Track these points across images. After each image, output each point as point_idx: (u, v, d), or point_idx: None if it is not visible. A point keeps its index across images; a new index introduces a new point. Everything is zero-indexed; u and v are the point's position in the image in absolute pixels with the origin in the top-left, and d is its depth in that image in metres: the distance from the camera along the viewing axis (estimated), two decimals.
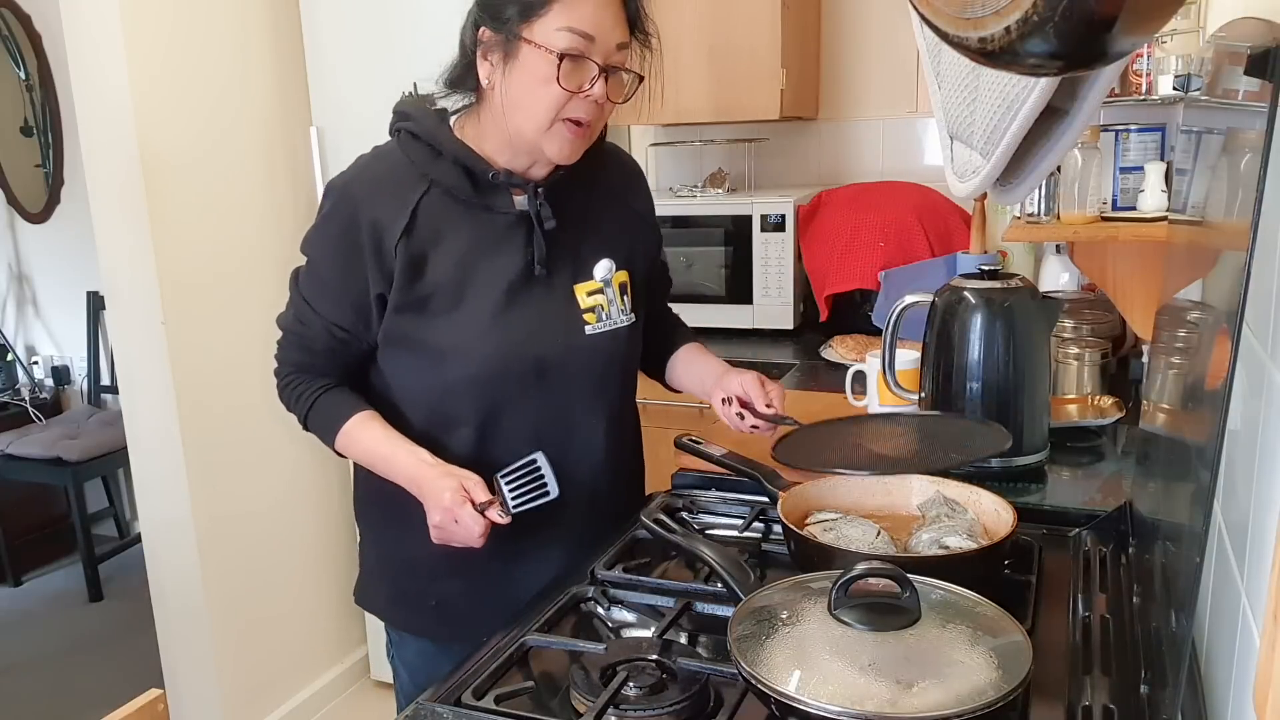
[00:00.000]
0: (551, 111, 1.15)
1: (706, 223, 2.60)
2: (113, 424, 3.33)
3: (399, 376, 1.28)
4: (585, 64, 1.14)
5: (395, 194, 1.21)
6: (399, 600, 1.37)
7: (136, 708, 1.08)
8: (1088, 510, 1.28)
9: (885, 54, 2.78)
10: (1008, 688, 0.75)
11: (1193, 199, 1.01)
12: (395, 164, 1.23)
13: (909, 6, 0.63)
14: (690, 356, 1.48)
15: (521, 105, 1.16)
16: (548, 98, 1.14)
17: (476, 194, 1.22)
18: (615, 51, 1.16)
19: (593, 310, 1.29)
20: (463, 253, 1.22)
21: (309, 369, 1.29)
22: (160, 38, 2.16)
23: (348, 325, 1.25)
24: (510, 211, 1.23)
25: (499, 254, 1.23)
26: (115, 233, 2.20)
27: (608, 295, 1.30)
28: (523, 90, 1.16)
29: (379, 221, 1.19)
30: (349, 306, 1.23)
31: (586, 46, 1.13)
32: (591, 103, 1.16)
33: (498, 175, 1.21)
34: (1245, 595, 0.65)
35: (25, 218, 4.00)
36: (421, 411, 1.27)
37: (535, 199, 1.23)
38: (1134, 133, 1.72)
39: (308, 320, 1.27)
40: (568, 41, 1.12)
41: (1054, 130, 1.05)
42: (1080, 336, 1.84)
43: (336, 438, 1.26)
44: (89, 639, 3.26)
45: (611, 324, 1.30)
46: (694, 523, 1.33)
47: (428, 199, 1.21)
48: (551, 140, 1.17)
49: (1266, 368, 0.64)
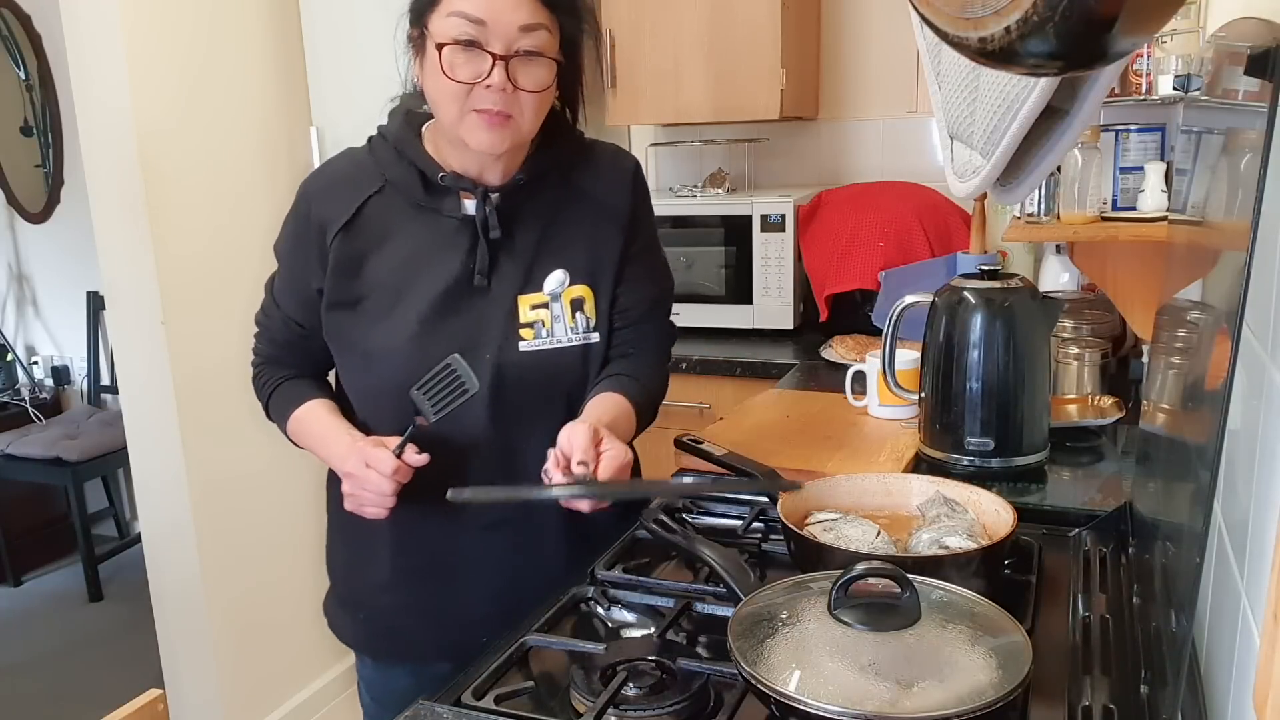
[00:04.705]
0: (455, 103, 1.09)
1: (706, 223, 2.60)
2: (113, 424, 3.33)
3: (343, 375, 1.27)
4: (479, 51, 1.07)
5: (346, 192, 1.19)
6: (336, 608, 1.35)
7: (136, 708, 1.08)
8: (1088, 510, 1.28)
9: (885, 54, 2.78)
10: (1008, 688, 0.75)
11: (1193, 199, 1.01)
12: (358, 164, 1.22)
13: (909, 6, 0.63)
14: (591, 403, 1.20)
15: (434, 99, 1.13)
16: (448, 89, 1.08)
17: (428, 196, 1.19)
18: (520, 35, 1.07)
19: (531, 326, 1.20)
20: (406, 255, 1.18)
21: (276, 361, 1.30)
22: (160, 38, 2.16)
23: (302, 320, 1.24)
24: (456, 216, 1.19)
25: (441, 259, 1.19)
26: (115, 233, 2.20)
27: (553, 311, 1.20)
28: (429, 84, 1.12)
29: (324, 217, 1.19)
30: (302, 302, 1.23)
31: (479, 32, 1.06)
32: (498, 92, 1.07)
33: (445, 177, 1.17)
34: (1245, 595, 0.65)
35: (25, 218, 4.00)
36: (360, 414, 1.25)
37: (484, 205, 1.17)
38: (1134, 133, 1.72)
39: (271, 314, 1.28)
40: (458, 28, 1.06)
41: (1054, 130, 1.05)
42: (1080, 336, 1.84)
43: (288, 424, 1.26)
44: (89, 639, 3.26)
45: (553, 342, 1.20)
46: (694, 523, 1.33)
47: (379, 198, 1.19)
48: (469, 132, 1.11)
49: (1266, 368, 0.64)
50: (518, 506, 1.21)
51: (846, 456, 1.50)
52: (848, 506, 1.18)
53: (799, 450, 1.53)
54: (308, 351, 1.27)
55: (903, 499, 1.20)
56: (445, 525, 1.20)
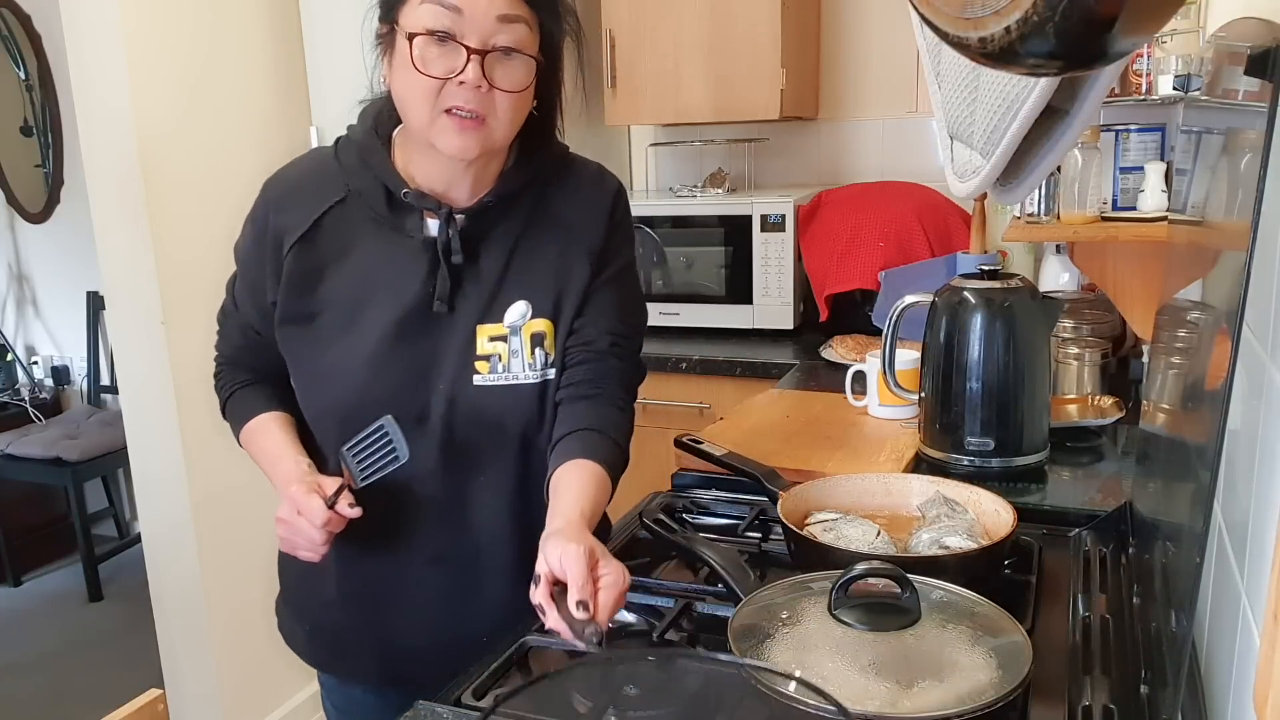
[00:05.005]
0: (426, 101, 1.01)
1: (706, 223, 2.60)
2: (113, 424, 3.33)
3: (295, 390, 1.19)
4: (454, 45, 0.99)
5: (307, 199, 1.12)
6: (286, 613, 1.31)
7: (136, 708, 1.08)
8: (1088, 510, 1.28)
9: (885, 54, 2.78)
10: (1008, 688, 0.75)
11: (1193, 199, 1.01)
12: (322, 167, 1.14)
13: (909, 6, 0.63)
14: (568, 476, 1.06)
15: (403, 98, 1.04)
16: (419, 85, 1.00)
17: (390, 212, 1.11)
18: (497, 28, 0.99)
19: (487, 359, 1.11)
20: (364, 274, 1.11)
21: (235, 363, 1.25)
22: (160, 38, 2.16)
23: (260, 328, 1.18)
24: (418, 236, 1.10)
25: (399, 281, 1.10)
26: (115, 233, 2.20)
27: (511, 345, 1.11)
28: (399, 81, 1.04)
29: (282, 226, 1.12)
30: (258, 309, 1.17)
31: (455, 22, 0.98)
32: (472, 90, 0.99)
33: (409, 194, 1.08)
34: (1245, 595, 0.65)
35: (25, 218, 4.00)
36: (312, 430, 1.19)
37: (448, 227, 1.09)
38: (1134, 133, 1.72)
39: (230, 316, 1.24)
40: (433, 16, 0.98)
41: (1054, 130, 1.05)
42: (1080, 336, 1.84)
43: (240, 434, 1.21)
44: (89, 639, 3.26)
45: (509, 378, 1.11)
46: (694, 523, 1.33)
47: (341, 209, 1.11)
48: (439, 134, 1.02)
49: (1266, 368, 0.64)
50: (467, 543, 1.15)
51: (846, 456, 1.50)
52: (848, 506, 1.18)
53: (799, 450, 1.53)
54: (266, 357, 1.19)
55: (903, 499, 1.20)
56: (389, 557, 1.15)
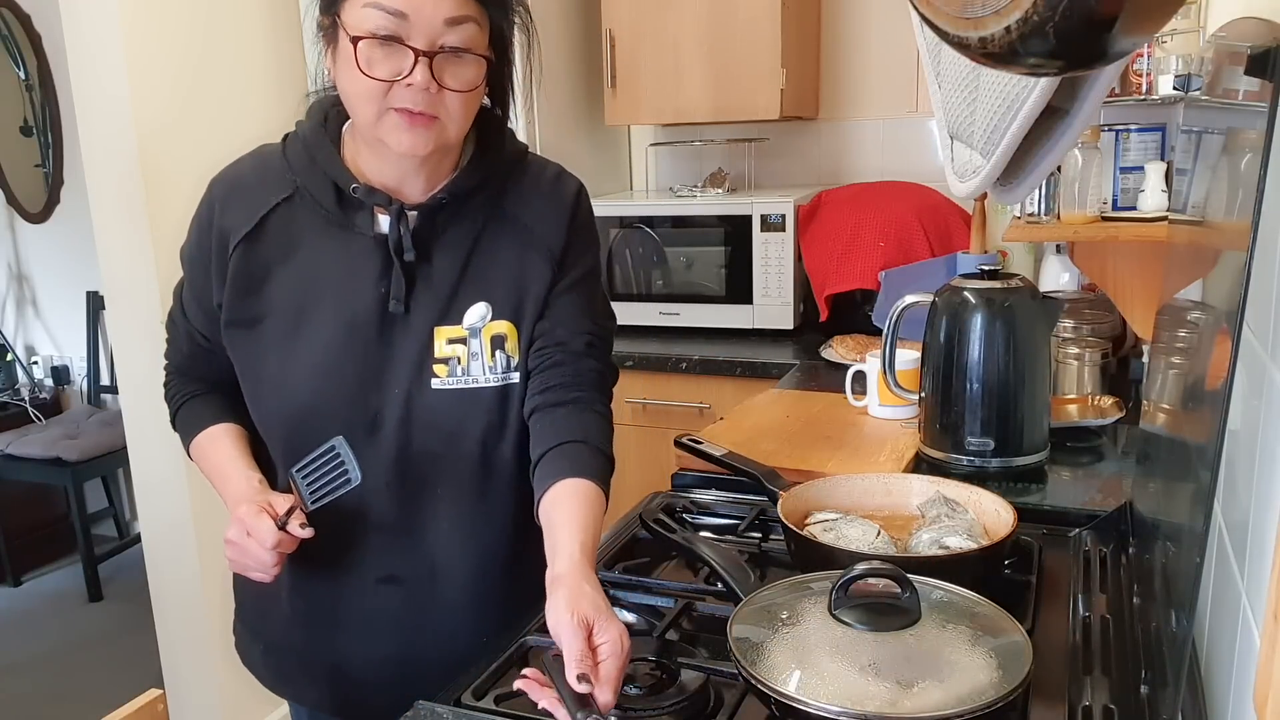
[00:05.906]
0: (373, 101, 0.97)
1: (706, 223, 2.60)
2: (113, 424, 3.33)
3: (245, 397, 1.14)
4: (399, 47, 0.95)
5: (253, 197, 1.08)
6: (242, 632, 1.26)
7: (136, 708, 1.07)
8: (1088, 510, 1.28)
9: (885, 54, 2.78)
10: (1008, 688, 0.75)
11: (1193, 199, 1.01)
12: (269, 164, 1.10)
13: (909, 6, 0.63)
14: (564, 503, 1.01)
15: (348, 96, 1.01)
16: (365, 86, 0.96)
17: (339, 210, 1.07)
18: (445, 30, 0.96)
19: (446, 362, 1.07)
20: (312, 273, 1.07)
21: (184, 372, 1.21)
22: (160, 38, 2.16)
23: (208, 334, 1.13)
24: (369, 233, 1.06)
25: (350, 281, 1.06)
26: (115, 233, 2.20)
27: (470, 347, 1.07)
28: (344, 79, 1.00)
29: (227, 225, 1.07)
30: (205, 313, 1.12)
31: (399, 26, 0.94)
32: (420, 91, 0.96)
33: (358, 189, 1.05)
34: (1245, 595, 0.65)
35: (25, 218, 4.00)
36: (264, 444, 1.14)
37: (399, 223, 1.05)
38: (1134, 133, 1.72)
39: (178, 322, 1.19)
40: (376, 20, 0.94)
41: (1054, 130, 1.05)
42: (1080, 336, 1.84)
43: (190, 448, 1.17)
44: (89, 639, 3.26)
45: (469, 381, 1.07)
46: (694, 523, 1.33)
47: (287, 208, 1.07)
48: (388, 133, 0.99)
49: (1266, 368, 0.64)
50: (421, 562, 1.11)
51: (846, 456, 1.50)
52: (848, 506, 1.18)
53: (799, 450, 1.53)
54: (216, 364, 1.15)
55: (903, 499, 1.20)
56: (342, 576, 1.12)
